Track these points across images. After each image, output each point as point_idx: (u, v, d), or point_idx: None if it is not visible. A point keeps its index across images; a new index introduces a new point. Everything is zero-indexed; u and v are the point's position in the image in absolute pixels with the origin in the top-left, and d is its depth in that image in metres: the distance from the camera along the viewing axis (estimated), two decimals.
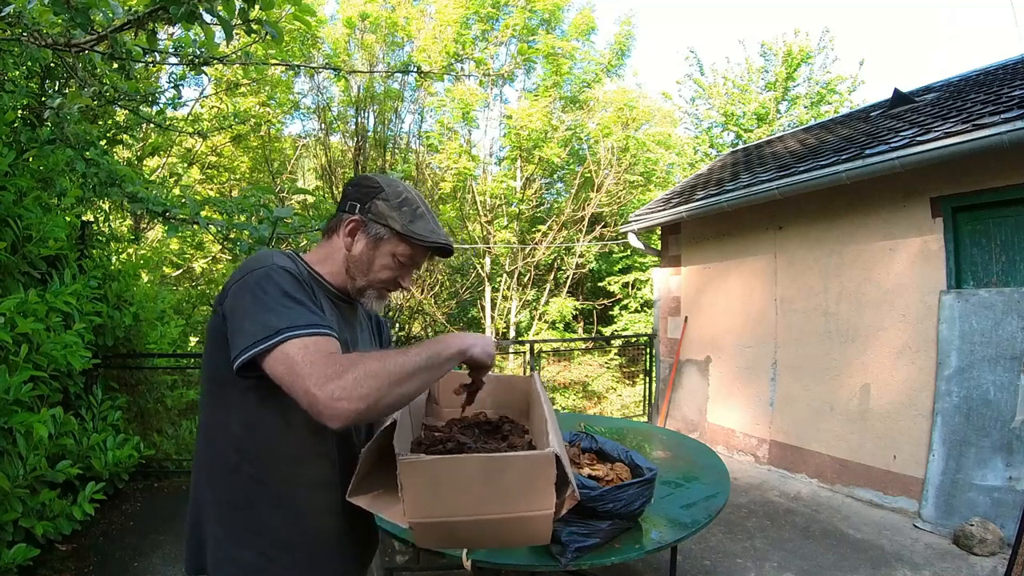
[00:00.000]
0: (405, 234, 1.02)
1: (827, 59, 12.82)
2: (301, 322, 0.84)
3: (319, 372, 0.78)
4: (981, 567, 2.68)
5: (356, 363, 0.80)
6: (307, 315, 0.86)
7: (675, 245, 5.72)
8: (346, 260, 1.04)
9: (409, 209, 1.03)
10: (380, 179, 1.07)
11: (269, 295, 0.87)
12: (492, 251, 11.67)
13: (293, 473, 0.96)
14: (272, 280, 0.89)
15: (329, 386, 0.76)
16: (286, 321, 0.83)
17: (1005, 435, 2.93)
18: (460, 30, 11.04)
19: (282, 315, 0.84)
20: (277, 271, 0.91)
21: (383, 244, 1.03)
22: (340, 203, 1.07)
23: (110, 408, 3.15)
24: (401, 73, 9.65)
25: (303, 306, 0.87)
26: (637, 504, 1.49)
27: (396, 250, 1.04)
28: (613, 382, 10.60)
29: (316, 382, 0.77)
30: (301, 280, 0.93)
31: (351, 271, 1.05)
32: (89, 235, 3.34)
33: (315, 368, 0.78)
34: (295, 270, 0.94)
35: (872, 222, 3.74)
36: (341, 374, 0.77)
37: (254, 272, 0.90)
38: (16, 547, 2.08)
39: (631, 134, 11.84)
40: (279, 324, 0.83)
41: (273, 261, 0.93)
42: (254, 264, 0.93)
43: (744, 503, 3.61)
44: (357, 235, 1.04)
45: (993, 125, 2.83)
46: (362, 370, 0.78)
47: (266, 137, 11.09)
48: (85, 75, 2.68)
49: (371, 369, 0.79)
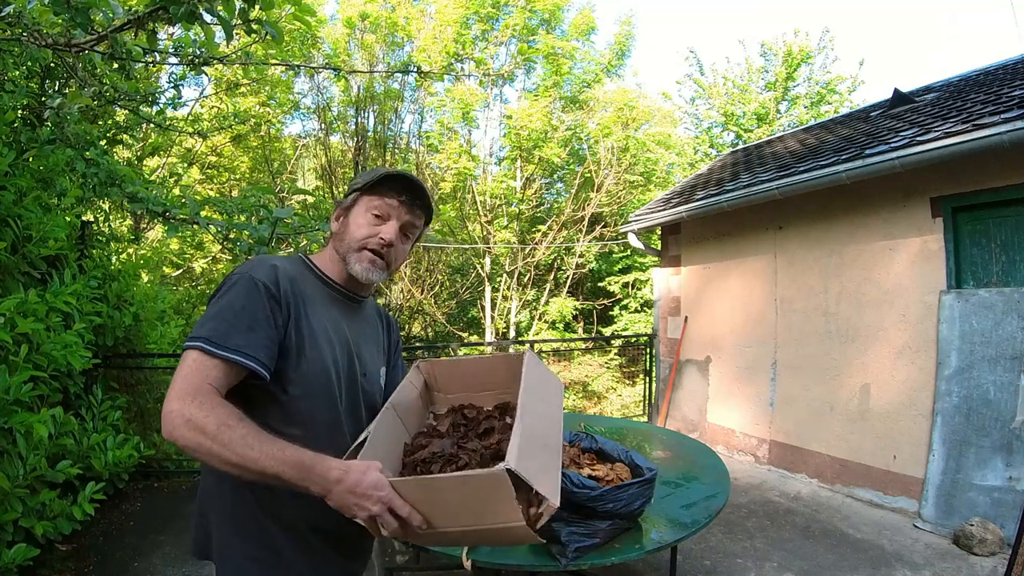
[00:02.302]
0: (366, 184, 1.07)
1: (827, 59, 12.82)
2: (219, 340, 0.88)
3: (181, 387, 0.84)
4: (981, 567, 2.68)
5: (214, 410, 0.83)
6: (234, 335, 0.89)
7: (675, 245, 5.72)
8: (334, 245, 1.10)
9: (374, 171, 1.09)
10: (362, 174, 1.14)
11: (221, 303, 0.93)
12: (492, 251, 11.67)
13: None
14: (236, 291, 0.93)
15: (175, 404, 0.83)
16: (207, 332, 0.89)
17: (1005, 435, 2.93)
18: (460, 30, 11.04)
19: (212, 326, 0.90)
20: (248, 283, 0.94)
21: (357, 207, 1.09)
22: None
23: (110, 408, 3.15)
24: (401, 73, 9.66)
25: (236, 322, 0.90)
26: (637, 504, 1.49)
27: (370, 205, 1.07)
28: (613, 382, 10.60)
29: (175, 393, 0.84)
30: (270, 295, 0.94)
31: (340, 250, 1.08)
32: (89, 235, 3.34)
33: (184, 383, 0.85)
34: (273, 282, 0.96)
35: (872, 222, 3.74)
36: (193, 402, 0.83)
37: (233, 279, 0.96)
38: (16, 547, 2.08)
39: (631, 134, 11.84)
40: (200, 332, 0.89)
41: (252, 272, 0.96)
42: (242, 269, 0.98)
43: (744, 503, 3.61)
44: (341, 219, 1.11)
45: (993, 125, 2.83)
46: (211, 420, 0.81)
47: (266, 137, 11.09)
48: (85, 75, 2.69)
49: (213, 425, 0.81)
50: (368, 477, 0.81)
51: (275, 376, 0.95)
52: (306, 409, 0.98)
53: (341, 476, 0.81)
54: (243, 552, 0.98)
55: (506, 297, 12.06)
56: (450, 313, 12.79)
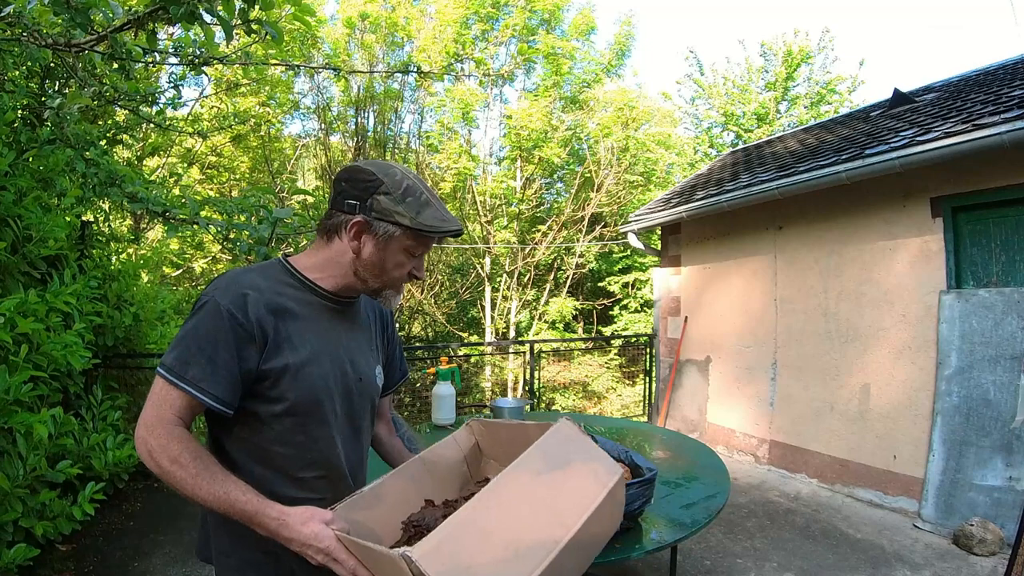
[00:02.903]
0: (416, 228, 0.95)
1: (827, 59, 12.82)
2: (179, 370, 0.89)
3: (147, 414, 0.88)
4: (981, 567, 2.68)
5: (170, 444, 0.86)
6: (193, 367, 0.89)
7: (675, 245, 5.71)
8: (354, 264, 0.99)
9: (414, 199, 0.96)
10: (374, 168, 0.98)
11: (187, 328, 0.92)
12: (492, 251, 11.67)
13: (291, 478, 0.98)
14: (200, 317, 0.91)
15: (141, 431, 0.87)
16: (171, 360, 0.89)
17: (1005, 435, 2.93)
18: (460, 30, 11.04)
19: (175, 354, 0.90)
20: (214, 310, 0.91)
21: (393, 242, 0.97)
22: (334, 200, 0.99)
23: (110, 408, 3.15)
24: (401, 73, 9.66)
25: (195, 351, 0.89)
26: (637, 504, 1.49)
27: (407, 244, 0.98)
28: (613, 382, 10.60)
29: (142, 420, 0.88)
30: (236, 323, 0.90)
31: (361, 274, 1.00)
32: (89, 235, 3.34)
33: (150, 410, 0.88)
34: (241, 310, 0.91)
35: (872, 222, 3.74)
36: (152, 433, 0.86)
37: (201, 301, 0.93)
38: (16, 547, 2.08)
39: (631, 134, 11.84)
40: (166, 359, 0.90)
41: (218, 297, 0.91)
42: (212, 290, 0.94)
43: (744, 503, 3.61)
44: (363, 237, 0.97)
45: (993, 125, 2.82)
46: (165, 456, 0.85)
47: (266, 137, 11.09)
48: (85, 75, 2.69)
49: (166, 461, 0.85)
50: (307, 528, 0.82)
51: (257, 397, 0.94)
52: (291, 428, 0.96)
53: (277, 527, 0.83)
54: (240, 556, 0.98)
55: (506, 297, 12.06)
56: (450, 313, 12.79)
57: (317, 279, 1.01)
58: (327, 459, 1.01)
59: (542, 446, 0.87)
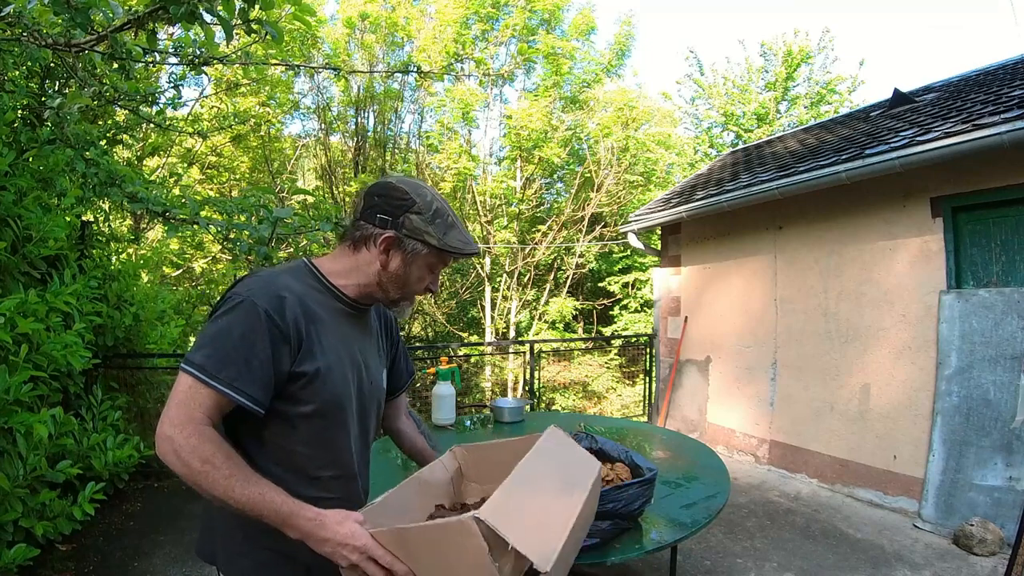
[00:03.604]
0: (443, 249, 1.02)
1: (827, 59, 12.82)
2: (213, 369, 0.87)
3: (175, 414, 0.85)
4: (981, 567, 2.68)
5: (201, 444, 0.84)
6: (228, 366, 0.88)
7: (675, 245, 5.71)
8: (379, 275, 1.03)
9: (442, 220, 1.02)
10: (407, 187, 1.03)
11: (220, 326, 0.90)
12: (492, 251, 11.67)
13: (308, 478, 0.99)
14: (236, 316, 0.90)
15: (168, 429, 0.84)
16: (202, 358, 0.87)
17: (1005, 435, 2.93)
18: (460, 30, 11.04)
19: (207, 352, 0.88)
20: (250, 309, 0.90)
21: (419, 259, 1.03)
22: (365, 212, 1.02)
23: (110, 408, 3.15)
24: (401, 73, 9.66)
25: (231, 352, 0.88)
26: (637, 504, 1.49)
27: (431, 261, 1.05)
28: (613, 382, 10.60)
29: (168, 419, 0.85)
30: (273, 325, 0.91)
31: (384, 285, 1.05)
32: (89, 235, 3.34)
33: (178, 410, 0.85)
34: (279, 312, 0.92)
35: (872, 222, 3.74)
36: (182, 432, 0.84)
37: (235, 299, 0.92)
38: (16, 547, 2.08)
39: (631, 134, 11.84)
40: (196, 357, 0.88)
41: (255, 298, 0.91)
42: (247, 289, 0.93)
43: (744, 503, 3.61)
44: (392, 252, 1.02)
45: (993, 125, 2.82)
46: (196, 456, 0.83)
47: (266, 137, 11.09)
48: (85, 75, 2.68)
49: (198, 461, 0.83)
50: (343, 527, 0.84)
51: (286, 399, 0.95)
52: (317, 429, 0.99)
53: (313, 527, 0.84)
54: (255, 557, 0.98)
55: (506, 297, 12.06)
56: (450, 313, 12.80)
57: (342, 285, 1.05)
58: (343, 460, 1.05)
59: (542, 446, 1.03)
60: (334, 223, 2.55)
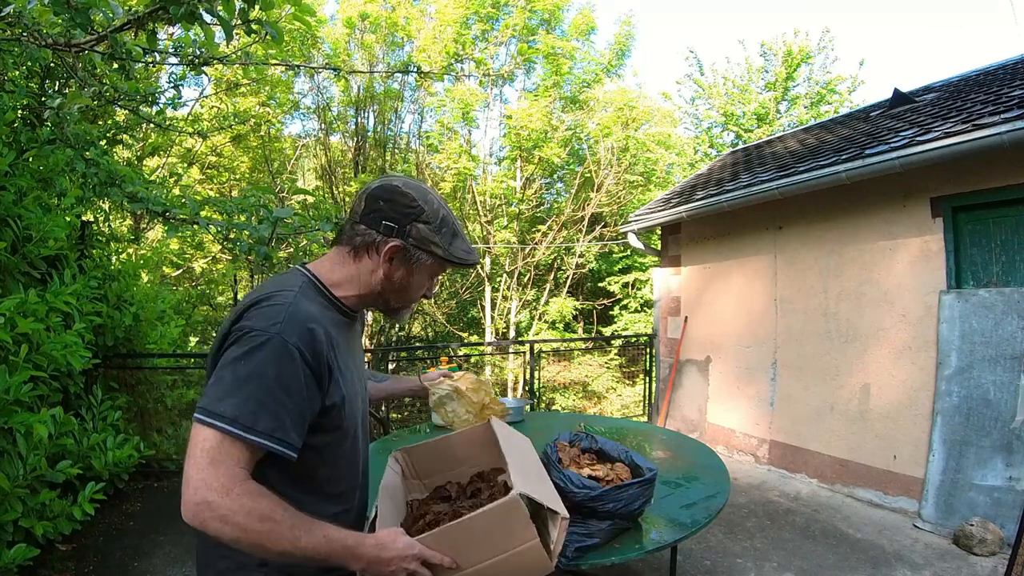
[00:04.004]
0: (448, 259, 0.99)
1: (827, 59, 12.83)
2: (247, 422, 0.79)
3: (212, 477, 0.76)
4: (981, 567, 2.68)
5: (256, 505, 0.77)
6: (264, 417, 0.80)
7: (675, 245, 5.72)
8: (381, 284, 0.98)
9: (448, 230, 0.99)
10: (415, 192, 0.97)
11: (249, 370, 0.81)
12: (492, 251, 11.67)
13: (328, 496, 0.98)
14: (266, 357, 0.82)
15: (207, 495, 0.75)
16: (233, 411, 0.79)
17: (1005, 435, 2.93)
18: (460, 30, 11.04)
19: (237, 403, 0.79)
20: (281, 349, 0.82)
21: (424, 268, 0.99)
22: (366, 216, 0.96)
23: (110, 408, 3.15)
24: (401, 73, 9.67)
25: (269, 403, 0.81)
26: (637, 504, 1.49)
27: (434, 270, 1.02)
28: (613, 382, 10.61)
29: (205, 483, 0.75)
30: (306, 364, 0.85)
31: (387, 295, 1.00)
32: (89, 235, 3.34)
33: (215, 472, 0.76)
34: (310, 348, 0.85)
35: (872, 222, 3.74)
36: (228, 496, 0.75)
37: (262, 337, 0.82)
38: (16, 547, 2.08)
39: (631, 134, 11.84)
40: (225, 409, 0.79)
41: (284, 335, 0.83)
42: (272, 324, 0.84)
43: (744, 503, 3.61)
44: (396, 261, 0.97)
45: (993, 125, 2.82)
46: (253, 518, 0.76)
47: (266, 137, 11.09)
48: (85, 75, 2.68)
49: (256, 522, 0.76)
50: (399, 543, 0.88)
51: (314, 429, 0.91)
52: (339, 450, 0.99)
53: (377, 551, 0.86)
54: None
55: (506, 297, 12.06)
56: (450, 313, 12.80)
57: (343, 297, 1.00)
58: (357, 471, 1.06)
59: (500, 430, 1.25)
60: (334, 223, 2.55)
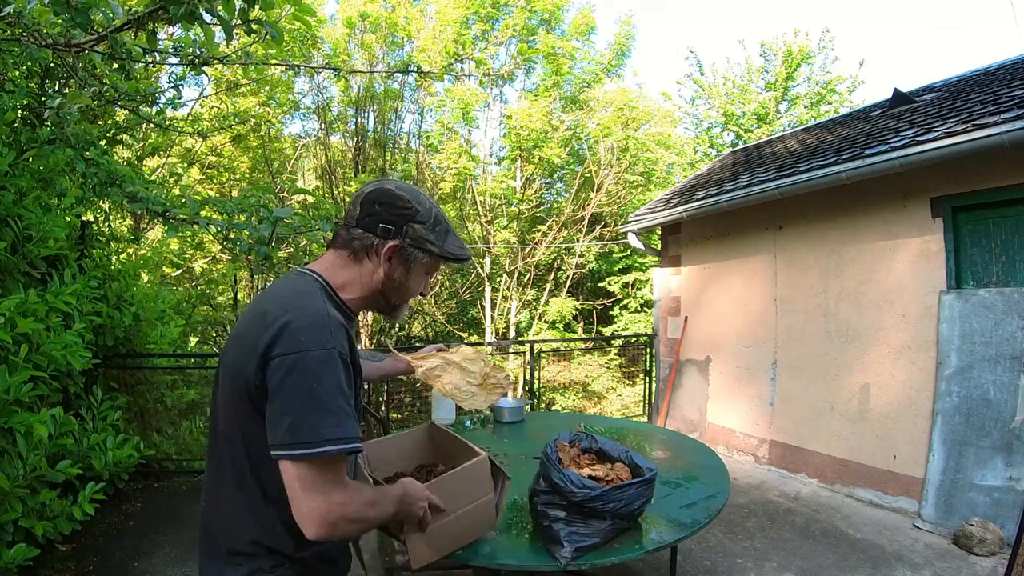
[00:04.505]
0: (443, 255, 1.06)
1: (827, 59, 12.83)
2: (340, 434, 0.86)
3: (340, 497, 0.87)
4: (981, 567, 2.68)
5: (359, 498, 0.92)
6: (348, 424, 0.88)
7: (675, 245, 5.72)
8: (382, 284, 1.04)
9: (441, 228, 1.06)
10: (408, 195, 1.03)
11: (325, 388, 0.86)
12: (492, 251, 11.67)
13: None
14: (330, 370, 0.87)
15: (338, 509, 0.87)
16: (333, 430, 0.85)
17: (1005, 435, 2.93)
18: (460, 30, 11.04)
19: (329, 421, 0.86)
20: (337, 359, 0.89)
21: (420, 266, 1.06)
22: (363, 220, 1.01)
23: (110, 408, 3.15)
24: (401, 73, 9.67)
25: (347, 407, 0.89)
26: (637, 504, 1.49)
27: (430, 268, 1.09)
28: (613, 382, 10.61)
29: (331, 503, 0.86)
30: (345, 363, 0.91)
31: (388, 294, 1.06)
32: (89, 235, 3.34)
33: (336, 488, 0.87)
34: (346, 349, 0.92)
35: (872, 222, 3.74)
36: (343, 502, 0.88)
37: (313, 352, 0.87)
38: (16, 547, 2.08)
39: (631, 134, 11.84)
40: (326, 433, 0.85)
41: (334, 345, 0.89)
42: (313, 338, 0.88)
43: (744, 503, 3.61)
44: (394, 261, 1.03)
45: (993, 125, 2.82)
46: (361, 509, 0.92)
47: (266, 137, 11.09)
48: (85, 75, 2.68)
49: (357, 511, 0.91)
50: (417, 486, 1.09)
51: None
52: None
53: (412, 495, 1.06)
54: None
55: (506, 297, 12.05)
56: (450, 313, 12.79)
57: (347, 299, 1.04)
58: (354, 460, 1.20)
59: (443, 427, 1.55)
60: (334, 223, 2.55)
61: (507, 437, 2.61)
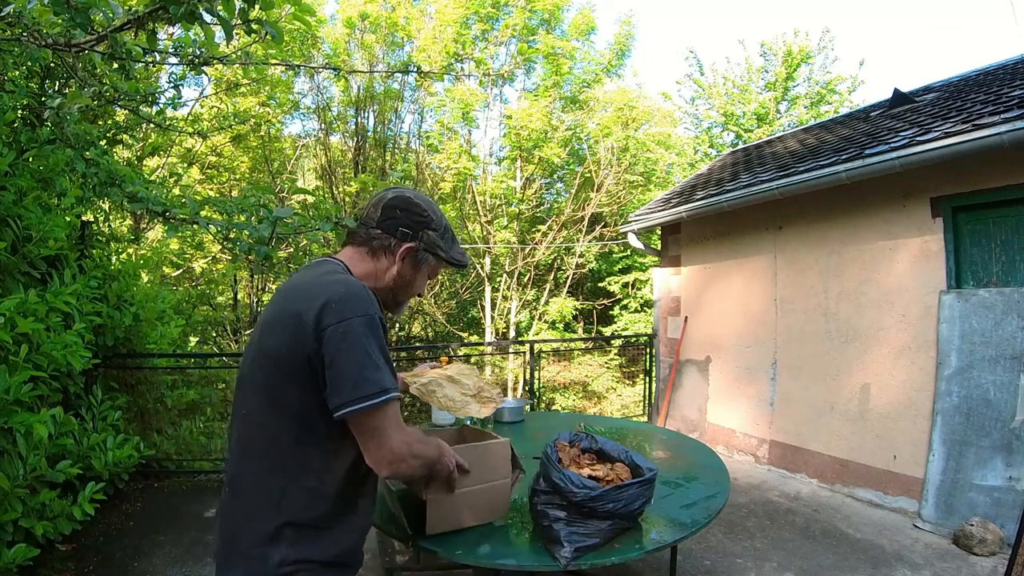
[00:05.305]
0: (448, 260, 1.21)
1: (827, 59, 12.84)
2: (394, 384, 0.99)
3: (399, 436, 1.01)
4: (981, 567, 2.68)
5: (413, 434, 1.08)
6: (392, 375, 1.01)
7: (675, 245, 5.71)
8: (394, 280, 1.16)
9: (449, 236, 1.21)
10: (424, 205, 1.17)
11: (373, 348, 0.98)
12: (492, 251, 11.67)
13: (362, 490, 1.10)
14: (375, 333, 0.99)
15: (404, 448, 1.01)
16: (388, 382, 0.98)
17: (1005, 435, 2.93)
18: (460, 30, 11.04)
19: (384, 374, 0.98)
20: (378, 323, 1.00)
21: (427, 268, 1.20)
22: (384, 222, 1.14)
23: (110, 408, 3.15)
24: (401, 73, 9.67)
25: (390, 363, 1.02)
26: (637, 504, 1.49)
27: (434, 271, 1.22)
28: (613, 382, 10.61)
29: (399, 441, 1.00)
30: (384, 323, 1.04)
31: (396, 290, 1.18)
32: (89, 235, 3.34)
33: (396, 429, 1.00)
34: (381, 315, 1.04)
35: (872, 222, 3.74)
36: (412, 438, 1.05)
37: (358, 319, 0.98)
38: (16, 547, 2.08)
39: (631, 134, 11.84)
40: (385, 384, 0.97)
41: (374, 308, 1.01)
42: (357, 307, 0.99)
43: (744, 503, 3.61)
44: (407, 261, 1.17)
45: (993, 125, 2.82)
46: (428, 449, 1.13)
47: (266, 137, 11.08)
48: (85, 75, 2.68)
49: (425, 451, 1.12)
50: (446, 446, 1.25)
51: None
52: None
53: (442, 444, 1.23)
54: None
55: (506, 297, 12.05)
56: (450, 313, 12.79)
57: None
58: None
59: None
60: (334, 223, 2.54)
61: (507, 437, 2.61)
